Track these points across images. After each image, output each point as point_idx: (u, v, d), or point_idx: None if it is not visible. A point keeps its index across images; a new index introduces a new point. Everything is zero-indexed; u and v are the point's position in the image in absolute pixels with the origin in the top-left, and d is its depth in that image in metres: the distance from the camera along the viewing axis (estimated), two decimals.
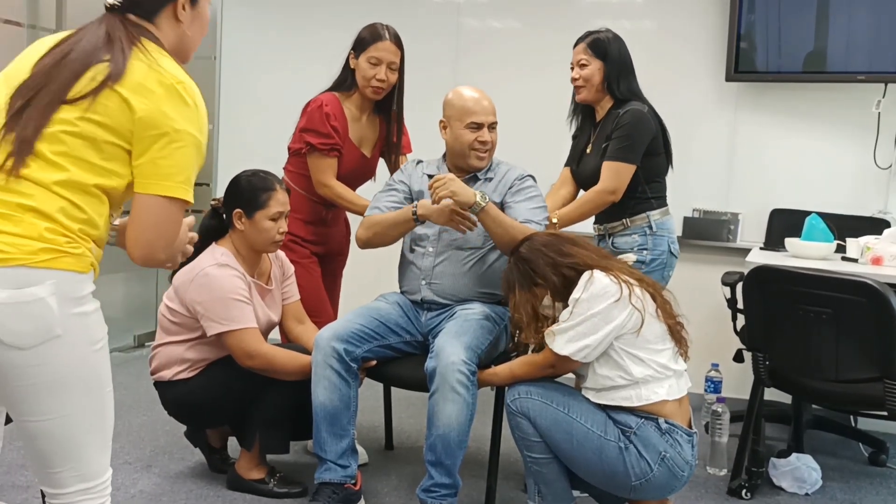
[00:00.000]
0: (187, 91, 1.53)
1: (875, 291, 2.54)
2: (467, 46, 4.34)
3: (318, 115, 2.90)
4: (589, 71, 2.89)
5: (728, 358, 3.31)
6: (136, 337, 4.62)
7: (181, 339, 2.68)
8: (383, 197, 2.82)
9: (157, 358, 2.72)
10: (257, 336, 2.61)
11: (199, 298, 2.58)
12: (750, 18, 3.80)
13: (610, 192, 2.81)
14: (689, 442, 2.22)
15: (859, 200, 3.78)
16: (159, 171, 1.50)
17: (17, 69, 1.57)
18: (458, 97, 2.74)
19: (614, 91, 2.89)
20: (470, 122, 2.69)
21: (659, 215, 2.90)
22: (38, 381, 1.45)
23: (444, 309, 2.73)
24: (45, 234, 1.44)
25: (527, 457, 2.32)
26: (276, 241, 2.70)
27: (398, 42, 2.93)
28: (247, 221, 2.67)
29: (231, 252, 2.68)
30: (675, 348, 2.27)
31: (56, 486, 1.54)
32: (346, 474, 2.56)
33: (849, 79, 3.70)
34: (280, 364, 2.61)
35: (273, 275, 2.83)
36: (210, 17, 1.72)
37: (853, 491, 3.04)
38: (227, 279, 2.59)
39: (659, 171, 2.93)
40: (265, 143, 3.70)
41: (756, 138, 3.96)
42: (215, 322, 2.57)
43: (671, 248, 2.91)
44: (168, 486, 2.79)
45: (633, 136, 2.80)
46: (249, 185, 2.70)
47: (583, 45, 2.93)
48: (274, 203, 2.67)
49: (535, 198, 2.73)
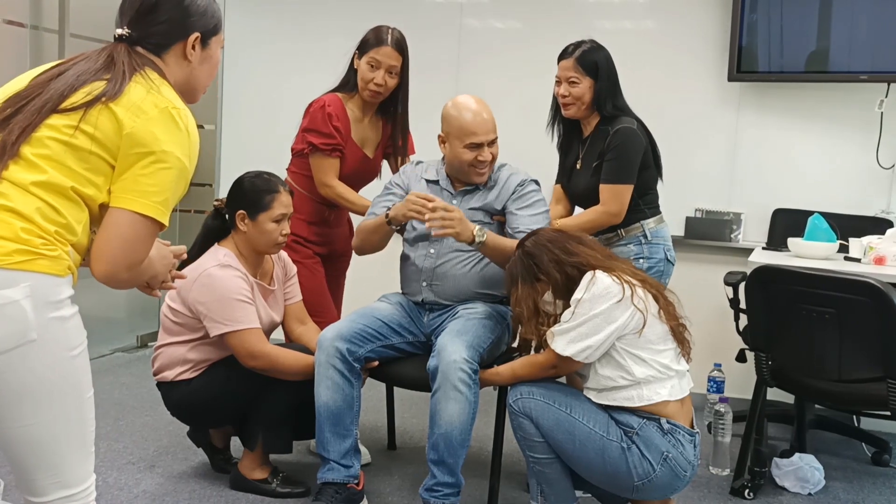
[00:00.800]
0: (181, 116, 1.52)
1: (878, 291, 2.53)
2: (469, 47, 4.34)
3: (321, 115, 2.91)
4: (580, 90, 2.83)
5: (731, 358, 3.31)
6: (139, 337, 4.62)
7: (183, 339, 2.68)
8: (380, 202, 2.83)
9: (160, 359, 2.73)
10: (260, 336, 2.61)
11: (202, 299, 2.59)
12: (752, 18, 3.80)
13: (613, 214, 2.80)
14: (691, 442, 2.22)
15: (862, 200, 3.78)
16: (138, 188, 1.47)
17: (14, 84, 1.56)
18: (456, 112, 2.67)
19: (603, 110, 2.85)
20: (470, 142, 2.65)
21: (653, 223, 2.89)
22: (12, 386, 1.41)
23: (445, 309, 2.73)
24: (21, 234, 1.40)
25: (529, 457, 2.32)
26: (278, 242, 2.70)
27: (400, 48, 2.92)
28: (250, 223, 2.67)
29: (234, 253, 2.69)
30: (678, 348, 2.27)
31: (36, 493, 1.52)
32: (349, 474, 2.57)
33: (851, 78, 3.70)
34: (283, 364, 2.61)
35: (275, 275, 2.83)
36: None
37: (856, 491, 3.04)
38: (229, 280, 2.60)
39: (651, 183, 2.91)
40: (267, 143, 3.71)
41: (758, 138, 3.96)
42: (218, 323, 2.57)
43: (667, 255, 2.90)
44: (171, 486, 2.80)
45: (627, 157, 2.78)
46: (253, 187, 2.70)
47: (572, 62, 2.84)
48: (277, 205, 2.67)
49: (536, 203, 2.72)
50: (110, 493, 2.71)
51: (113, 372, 4.12)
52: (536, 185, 2.78)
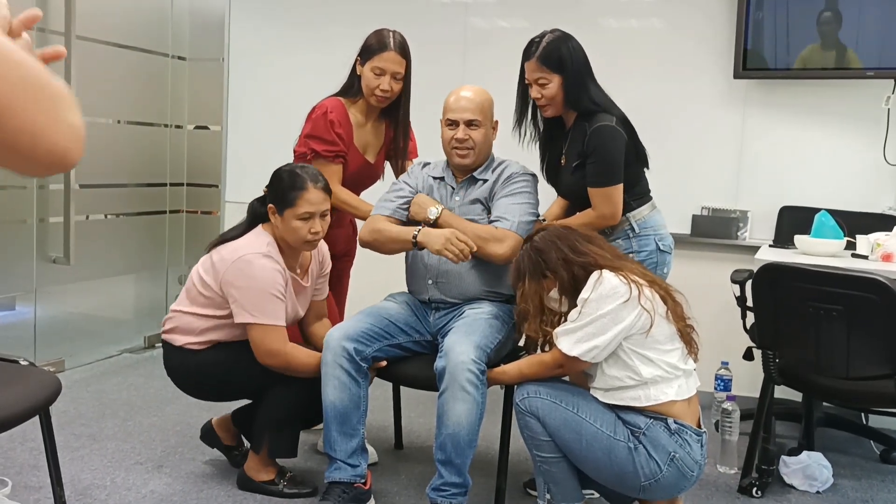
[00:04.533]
0: None
1: (886, 288, 2.53)
2: (475, 46, 4.34)
3: (323, 122, 2.90)
4: (551, 90, 2.70)
5: (738, 356, 3.30)
6: (147, 338, 4.63)
7: (204, 313, 2.65)
8: (390, 196, 2.83)
9: (174, 321, 2.70)
10: (283, 335, 2.59)
11: (237, 283, 2.56)
12: (758, 15, 3.79)
13: (608, 216, 2.70)
14: (698, 441, 2.21)
15: (869, 197, 3.76)
16: None
17: None
18: (449, 95, 2.77)
19: (577, 106, 2.72)
20: (446, 118, 2.73)
21: (641, 214, 2.77)
22: None
23: (452, 308, 2.73)
24: None
25: (536, 456, 2.32)
26: (307, 240, 2.63)
27: (403, 52, 2.92)
28: (278, 218, 2.65)
29: (275, 242, 2.65)
30: (685, 348, 2.26)
31: None
32: (356, 473, 2.57)
33: (858, 75, 3.68)
34: (298, 364, 2.61)
35: (311, 270, 2.81)
36: (218, 19, 1.68)
37: (864, 489, 3.03)
38: (268, 272, 2.57)
39: (636, 178, 2.79)
40: (273, 143, 3.70)
41: (765, 135, 3.95)
42: (246, 312, 2.55)
43: (659, 245, 2.78)
44: (179, 487, 2.80)
45: (609, 158, 2.66)
46: (281, 182, 2.65)
47: (534, 63, 2.70)
48: (303, 203, 2.59)
49: (518, 194, 2.71)
50: (118, 494, 2.72)
51: (121, 373, 4.13)
52: (530, 178, 2.77)
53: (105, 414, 3.50)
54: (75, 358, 4.18)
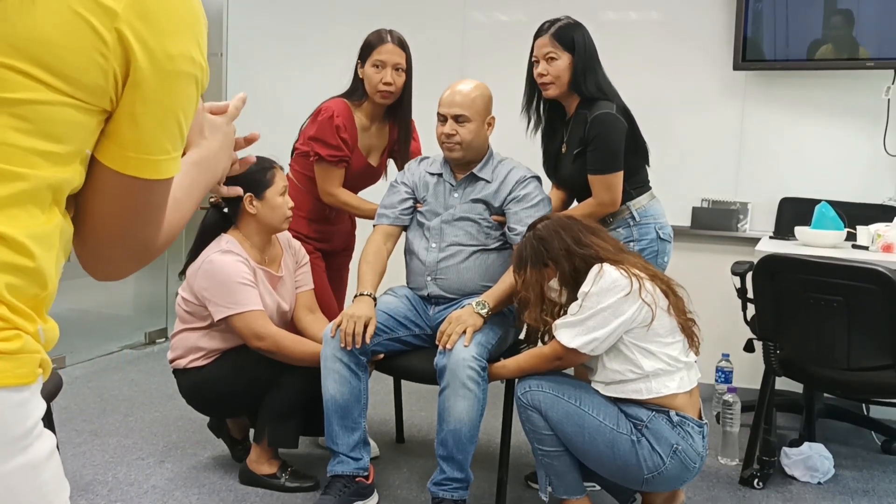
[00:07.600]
0: None
1: (886, 279, 2.53)
2: (473, 40, 4.33)
3: (329, 126, 2.90)
4: (558, 67, 2.72)
5: (739, 348, 3.30)
6: (147, 334, 4.63)
7: (194, 327, 2.73)
8: (387, 200, 2.85)
9: (175, 346, 2.79)
10: (264, 317, 2.64)
11: (205, 284, 2.64)
12: (757, 7, 3.78)
13: (607, 204, 2.71)
14: (700, 433, 2.22)
15: (869, 188, 3.76)
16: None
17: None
18: (445, 89, 2.76)
19: (581, 89, 2.73)
20: (437, 112, 2.73)
21: (641, 203, 2.78)
22: None
23: (451, 303, 2.73)
24: None
25: (538, 449, 2.32)
26: (287, 216, 2.75)
27: (402, 44, 2.92)
28: (258, 203, 2.70)
29: (237, 240, 2.72)
30: (686, 341, 2.26)
31: None
32: (358, 467, 2.57)
33: (857, 66, 3.67)
34: (288, 347, 2.64)
35: (284, 262, 2.84)
36: (216, 14, 1.68)
37: (866, 479, 3.03)
38: (229, 264, 2.64)
39: (636, 167, 2.80)
40: (273, 140, 3.68)
41: (764, 127, 3.94)
42: (221, 306, 2.61)
43: (660, 233, 2.79)
44: (181, 481, 2.81)
45: (609, 145, 2.67)
46: (249, 173, 2.67)
47: (548, 37, 2.75)
48: (279, 178, 2.74)
49: (537, 205, 2.69)
50: (120, 489, 2.72)
51: (121, 368, 4.13)
52: (537, 182, 2.76)
53: (106, 410, 3.51)
54: (76, 354, 4.18)
